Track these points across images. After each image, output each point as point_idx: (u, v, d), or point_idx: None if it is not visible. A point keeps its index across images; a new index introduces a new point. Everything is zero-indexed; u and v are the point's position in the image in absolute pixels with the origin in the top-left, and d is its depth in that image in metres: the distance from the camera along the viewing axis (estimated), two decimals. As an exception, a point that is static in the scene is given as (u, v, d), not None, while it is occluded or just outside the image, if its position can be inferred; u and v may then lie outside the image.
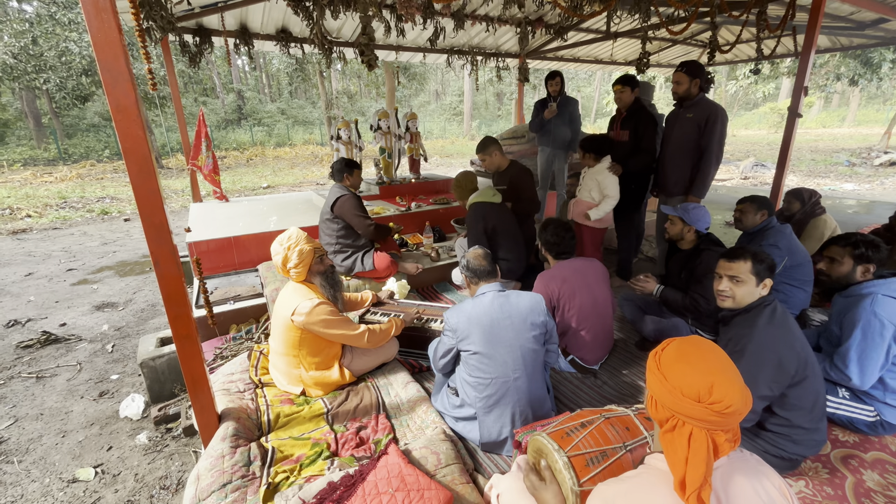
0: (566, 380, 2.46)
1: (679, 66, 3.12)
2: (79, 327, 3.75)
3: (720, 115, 3.03)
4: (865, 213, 6.76)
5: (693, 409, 0.80)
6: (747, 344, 1.57)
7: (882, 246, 1.92)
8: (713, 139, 3.04)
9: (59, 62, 14.59)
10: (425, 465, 1.62)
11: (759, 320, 1.61)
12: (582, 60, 7.34)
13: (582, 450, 1.22)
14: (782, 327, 1.59)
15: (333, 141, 4.88)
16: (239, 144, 19.31)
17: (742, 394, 0.81)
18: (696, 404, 0.80)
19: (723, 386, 0.80)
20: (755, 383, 1.54)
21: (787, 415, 1.60)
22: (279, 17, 4.45)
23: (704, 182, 3.17)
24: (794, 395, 1.58)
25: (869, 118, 24.33)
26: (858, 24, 5.22)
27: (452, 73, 23.45)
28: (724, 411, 0.79)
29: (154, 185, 1.36)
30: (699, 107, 3.09)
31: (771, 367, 1.53)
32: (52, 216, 8.03)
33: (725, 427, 0.81)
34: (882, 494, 1.64)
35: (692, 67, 3.08)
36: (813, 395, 1.60)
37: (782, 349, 1.54)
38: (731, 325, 1.73)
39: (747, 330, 1.61)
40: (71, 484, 2.13)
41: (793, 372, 1.54)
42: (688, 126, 3.13)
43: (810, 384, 1.58)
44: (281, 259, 2.11)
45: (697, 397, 0.80)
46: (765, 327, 1.58)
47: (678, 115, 3.23)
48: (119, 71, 1.23)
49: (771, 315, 1.61)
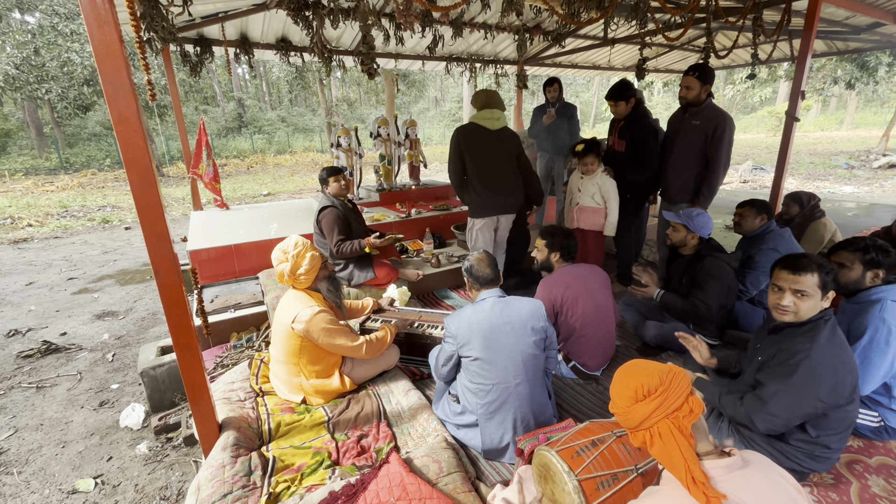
0: (568, 386, 2.45)
1: (690, 69, 2.97)
2: (79, 336, 3.75)
3: (728, 124, 2.93)
4: (865, 215, 6.76)
5: (645, 409, 0.98)
6: (804, 359, 1.47)
7: (892, 251, 1.86)
8: (721, 149, 2.94)
9: (60, 72, 14.71)
10: (427, 474, 1.61)
11: (819, 336, 1.49)
12: (580, 67, 7.39)
13: (593, 472, 1.19)
14: (841, 346, 1.49)
15: (333, 148, 4.90)
16: (239, 152, 19.40)
17: (649, 374, 1.00)
18: (641, 404, 0.99)
19: (638, 378, 1.01)
20: (803, 399, 1.46)
21: (817, 434, 1.53)
22: (279, 27, 4.48)
23: (711, 191, 3.09)
24: (837, 416, 1.50)
25: (867, 121, 24.42)
26: (854, 29, 5.26)
27: (451, 80, 23.61)
28: (656, 392, 0.98)
29: (155, 195, 1.36)
30: (705, 114, 2.98)
31: (827, 386, 1.45)
32: (53, 225, 8.05)
33: (673, 405, 0.96)
34: (888, 500, 1.63)
35: (704, 72, 2.93)
36: (851, 419, 1.54)
37: (840, 369, 1.45)
38: (784, 336, 1.61)
39: (807, 345, 1.48)
40: (71, 495, 2.12)
41: (847, 394, 1.46)
42: (693, 134, 3.03)
43: (854, 408, 1.52)
44: (290, 266, 2.06)
45: (636, 398, 1.00)
46: (825, 345, 1.47)
47: (683, 120, 3.11)
48: (121, 82, 1.24)
49: (832, 331, 1.51)
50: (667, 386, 0.97)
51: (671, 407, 0.96)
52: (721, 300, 2.45)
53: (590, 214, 3.39)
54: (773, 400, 1.51)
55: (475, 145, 3.03)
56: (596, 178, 3.33)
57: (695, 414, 0.96)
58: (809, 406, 1.47)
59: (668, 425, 0.96)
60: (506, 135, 3.10)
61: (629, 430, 1.05)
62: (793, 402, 1.48)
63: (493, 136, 3.05)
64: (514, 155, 3.15)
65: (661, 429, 0.96)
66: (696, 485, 0.90)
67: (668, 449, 0.95)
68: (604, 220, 3.35)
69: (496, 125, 3.04)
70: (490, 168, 3.07)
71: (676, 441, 0.94)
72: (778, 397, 1.50)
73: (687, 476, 0.91)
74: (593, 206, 3.37)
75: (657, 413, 0.96)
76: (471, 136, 3.03)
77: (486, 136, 3.03)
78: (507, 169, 3.13)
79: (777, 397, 1.50)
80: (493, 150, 3.06)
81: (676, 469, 0.93)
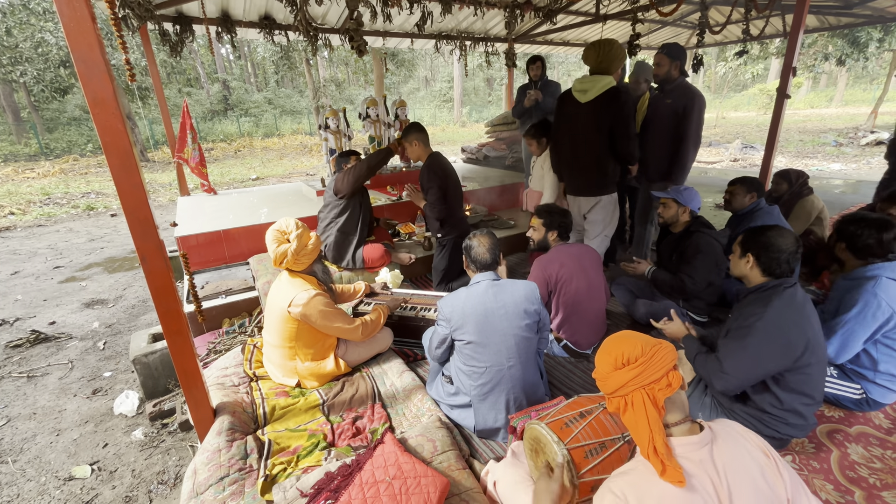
0: (559, 364, 2.49)
1: (661, 48, 3.11)
2: (69, 325, 3.71)
3: (697, 102, 3.02)
4: (852, 192, 6.84)
5: (622, 377, 1.01)
6: (756, 321, 1.55)
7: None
8: (690, 126, 3.04)
9: (35, 54, 14.14)
10: (422, 453, 1.64)
11: (775, 300, 1.58)
12: (572, 44, 7.27)
13: (581, 441, 1.22)
14: (799, 311, 1.56)
15: (322, 130, 4.80)
16: (226, 136, 18.96)
17: (633, 344, 1.02)
18: (620, 371, 1.01)
19: (621, 347, 1.03)
20: (753, 359, 1.55)
21: (786, 398, 1.60)
22: (262, 4, 4.33)
23: (683, 168, 3.18)
24: (796, 379, 1.57)
25: (856, 98, 24.49)
26: (846, 3, 5.21)
27: (441, 59, 23.11)
28: (636, 362, 1.00)
29: (137, 180, 1.33)
30: (676, 93, 3.08)
31: (776, 346, 1.52)
32: (36, 213, 7.86)
33: (650, 377, 0.98)
34: (866, 466, 1.70)
35: (673, 49, 3.06)
36: (814, 384, 1.60)
37: (794, 331, 1.52)
38: (745, 303, 1.70)
39: (761, 309, 1.58)
40: (67, 482, 2.13)
41: (798, 354, 1.52)
42: (666, 112, 3.13)
43: (814, 371, 1.58)
44: (296, 246, 2.01)
45: (615, 366, 1.03)
46: (781, 308, 1.55)
47: (657, 99, 3.21)
48: (94, 61, 1.19)
49: (791, 297, 1.58)
50: (648, 358, 0.99)
51: (648, 379, 0.98)
52: (709, 275, 2.48)
53: (536, 198, 3.33)
54: (726, 361, 1.60)
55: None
56: (543, 163, 3.22)
57: (672, 388, 0.98)
58: (760, 367, 1.56)
59: (643, 395, 0.98)
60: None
61: (606, 396, 1.08)
62: (744, 363, 1.57)
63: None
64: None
65: (635, 398, 0.99)
66: (655, 454, 0.93)
67: (637, 417, 0.98)
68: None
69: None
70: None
71: (647, 411, 0.97)
72: (731, 358, 1.59)
73: (649, 445, 0.94)
74: (540, 189, 3.30)
75: (633, 382, 0.99)
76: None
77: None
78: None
79: (730, 358, 1.60)
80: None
81: (640, 438, 0.96)
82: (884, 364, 1.85)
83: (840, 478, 1.65)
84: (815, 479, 1.65)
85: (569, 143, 2.86)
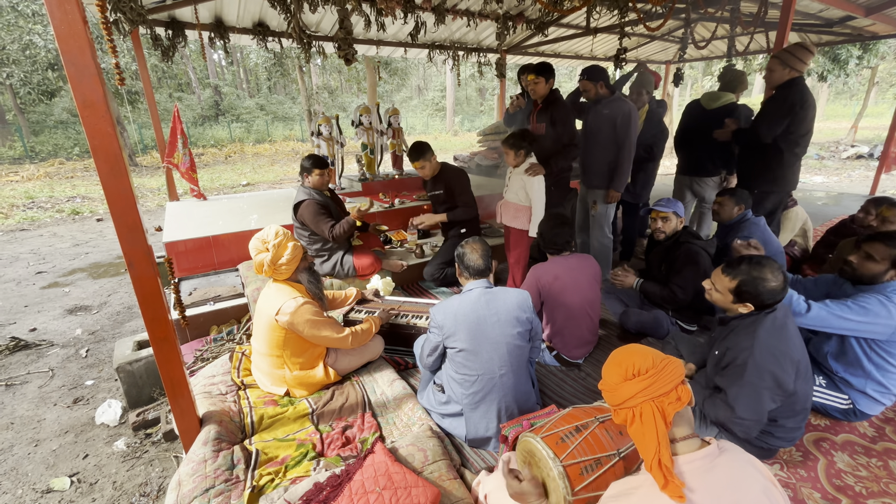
0: (551, 373, 2.49)
1: (581, 73, 3.21)
2: (50, 332, 3.61)
3: (633, 114, 3.15)
4: (834, 204, 7.00)
5: (632, 388, 0.99)
6: (748, 357, 1.57)
7: None
8: (627, 135, 3.14)
9: (22, 56, 13.95)
10: (412, 463, 1.62)
11: (759, 330, 1.58)
12: (563, 56, 7.39)
13: (577, 458, 1.21)
14: (781, 338, 1.58)
15: (314, 137, 4.80)
16: (217, 141, 18.82)
17: (643, 356, 1.02)
18: (630, 382, 1.00)
19: (633, 359, 1.02)
20: (759, 395, 1.56)
21: (774, 415, 1.64)
22: (256, 10, 4.34)
23: (622, 176, 3.27)
24: (787, 402, 1.61)
25: (837, 113, 25.20)
26: (826, 22, 5.39)
27: (434, 69, 23.25)
28: (646, 373, 0.99)
29: (126, 184, 1.31)
30: (613, 104, 3.18)
31: (773, 380, 1.55)
32: (20, 217, 7.69)
33: (660, 390, 0.97)
34: (852, 475, 1.72)
35: (592, 73, 3.18)
36: (802, 401, 1.63)
37: (782, 362, 1.55)
38: (730, 329, 1.71)
39: (749, 342, 1.59)
40: (45, 494, 2.05)
41: (790, 389, 1.56)
42: (603, 122, 3.22)
43: (801, 388, 1.61)
44: (271, 256, 2.01)
45: (625, 377, 1.01)
46: (766, 339, 1.57)
47: (595, 111, 3.31)
48: (85, 64, 1.18)
49: (772, 324, 1.59)
50: (658, 370, 0.98)
51: (658, 391, 0.97)
52: (698, 285, 2.51)
53: (511, 211, 3.15)
54: (737, 404, 1.59)
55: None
56: (521, 175, 3.03)
57: (681, 402, 0.97)
58: (768, 400, 1.57)
59: (652, 408, 0.97)
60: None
61: (613, 407, 1.06)
62: (752, 401, 1.57)
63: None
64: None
65: (644, 410, 0.98)
66: (659, 467, 0.92)
67: (645, 430, 0.97)
68: (525, 219, 3.07)
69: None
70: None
71: (655, 424, 0.96)
72: (740, 400, 1.59)
73: (654, 458, 0.93)
74: (516, 202, 3.11)
75: (643, 394, 0.98)
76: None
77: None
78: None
79: (739, 401, 1.59)
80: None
81: (646, 451, 0.96)
82: (875, 374, 1.87)
83: (827, 486, 1.67)
84: (802, 488, 1.67)
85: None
